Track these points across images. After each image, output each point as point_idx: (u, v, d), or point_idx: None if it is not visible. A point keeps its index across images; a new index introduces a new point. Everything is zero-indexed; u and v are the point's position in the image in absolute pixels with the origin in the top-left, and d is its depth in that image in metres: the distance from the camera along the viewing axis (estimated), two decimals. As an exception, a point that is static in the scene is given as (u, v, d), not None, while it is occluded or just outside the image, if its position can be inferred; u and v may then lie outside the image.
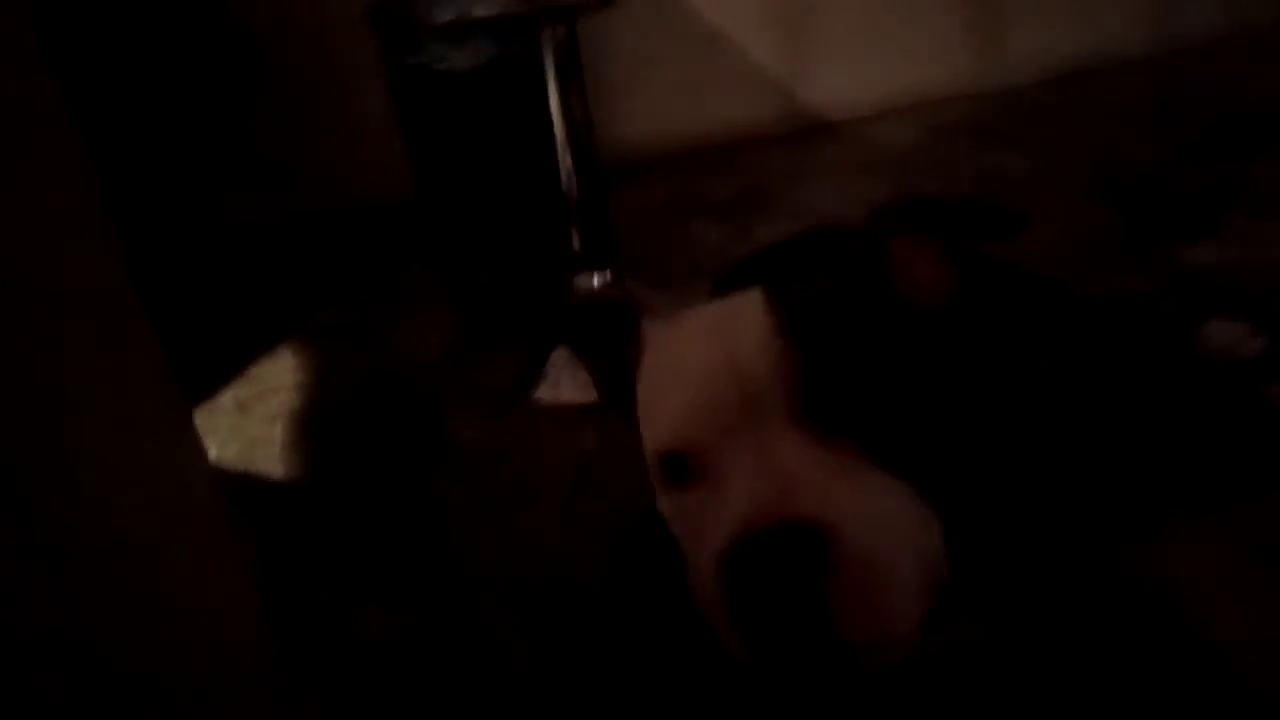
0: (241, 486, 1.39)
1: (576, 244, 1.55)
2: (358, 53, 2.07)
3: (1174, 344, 1.16)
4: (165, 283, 1.39)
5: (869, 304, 0.69)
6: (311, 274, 2.05)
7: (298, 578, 1.18)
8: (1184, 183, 1.69)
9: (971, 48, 2.33)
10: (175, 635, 0.63)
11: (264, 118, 2.13)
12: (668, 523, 0.73)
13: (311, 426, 1.53)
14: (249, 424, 1.54)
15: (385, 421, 1.51)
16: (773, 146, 2.31)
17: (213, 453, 1.44)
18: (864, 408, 0.63)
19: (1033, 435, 0.99)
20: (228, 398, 1.62)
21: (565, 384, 1.47)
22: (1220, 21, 2.28)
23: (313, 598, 1.15)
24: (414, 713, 0.98)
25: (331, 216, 2.18)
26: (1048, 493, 0.95)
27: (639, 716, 0.91)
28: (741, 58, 2.32)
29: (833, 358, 0.64)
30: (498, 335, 1.67)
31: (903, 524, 0.62)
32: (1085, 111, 2.13)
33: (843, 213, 1.71)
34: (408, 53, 1.91)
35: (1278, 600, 0.88)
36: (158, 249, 1.75)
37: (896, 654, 0.62)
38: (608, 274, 1.56)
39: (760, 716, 0.77)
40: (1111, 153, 1.90)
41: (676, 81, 2.31)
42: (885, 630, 0.59)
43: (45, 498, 0.50)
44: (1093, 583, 0.86)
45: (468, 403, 1.50)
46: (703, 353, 0.68)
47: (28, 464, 0.49)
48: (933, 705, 0.80)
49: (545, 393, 1.47)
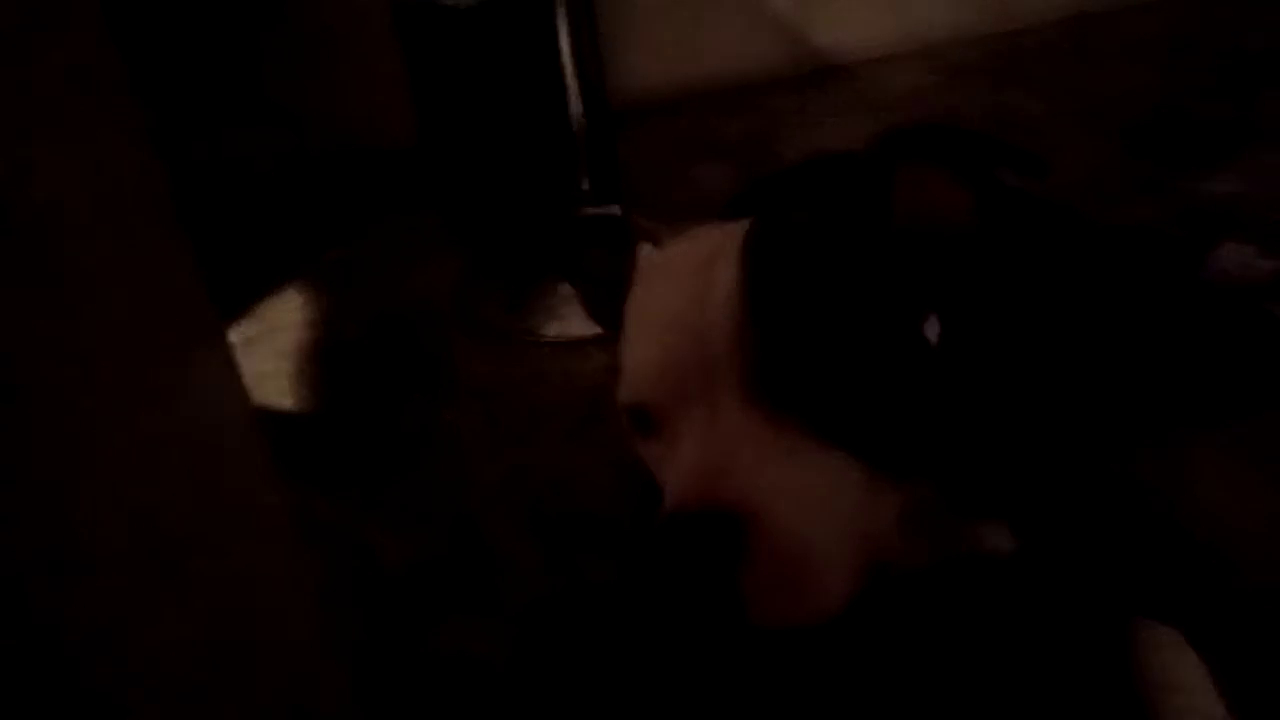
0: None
1: (585, 183, 1.54)
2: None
3: (1184, 267, 1.16)
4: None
5: (859, 245, 0.67)
6: (316, 215, 2.04)
7: (306, 501, 1.19)
8: (1197, 118, 1.67)
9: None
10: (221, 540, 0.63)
11: (270, 55, 2.11)
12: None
13: (319, 362, 1.53)
14: (255, 360, 1.54)
15: (392, 356, 1.51)
16: (781, 88, 2.29)
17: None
18: (819, 388, 0.62)
19: (1046, 355, 1.00)
20: (234, 335, 1.62)
21: (573, 319, 1.47)
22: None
23: (322, 520, 1.15)
24: (427, 628, 0.99)
25: (335, 159, 2.17)
26: (1057, 410, 0.95)
27: (648, 635, 0.92)
28: (750, 2, 2.29)
29: (794, 331, 0.62)
30: (505, 273, 1.67)
31: (839, 509, 0.62)
32: (1097, 53, 2.10)
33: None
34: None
35: (1269, 493, 0.89)
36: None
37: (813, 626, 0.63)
38: (618, 209, 1.55)
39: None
40: (1124, 92, 1.88)
41: (685, 23, 2.28)
42: (796, 617, 0.60)
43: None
44: (1099, 489, 0.87)
45: (475, 338, 1.50)
46: (676, 300, 0.66)
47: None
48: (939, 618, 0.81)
49: (553, 328, 1.47)
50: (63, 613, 0.50)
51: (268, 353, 1.56)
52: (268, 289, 1.77)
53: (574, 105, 1.54)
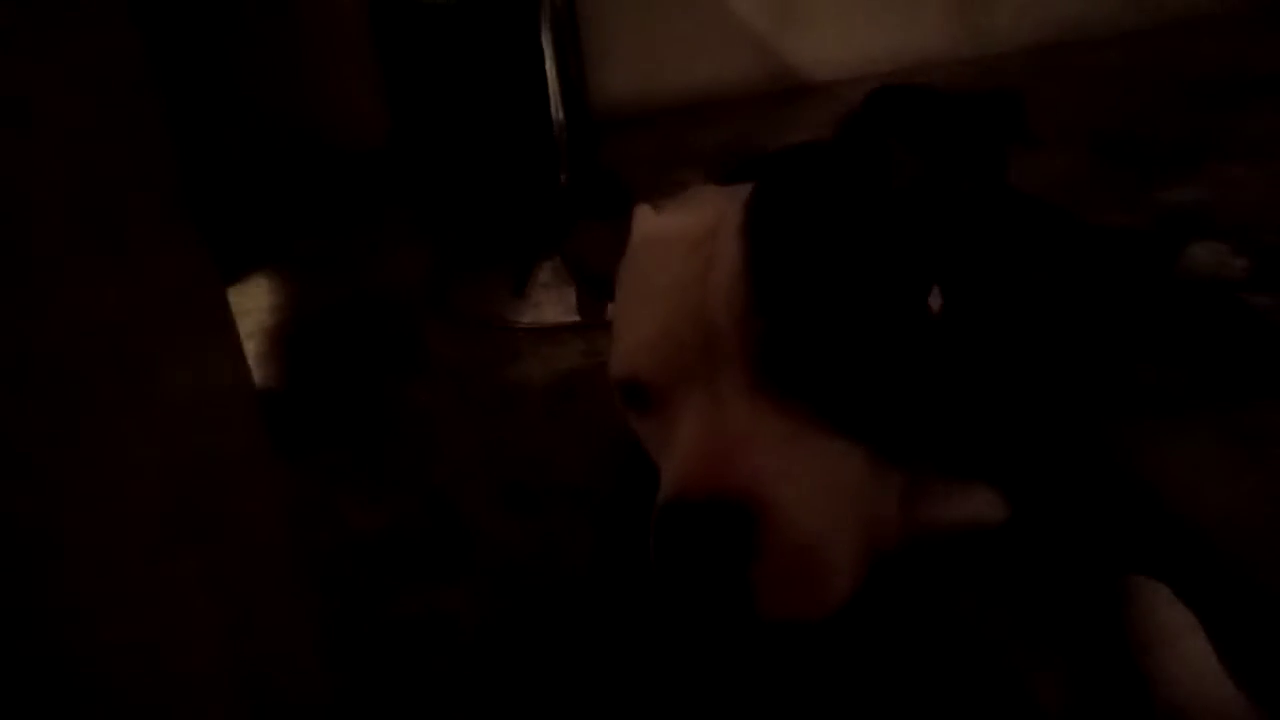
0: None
1: (564, 182, 1.53)
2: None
3: (1159, 262, 1.17)
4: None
5: (863, 215, 0.65)
6: (285, 209, 2.02)
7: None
8: (1160, 137, 1.71)
9: (958, 15, 2.36)
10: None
11: (244, 50, 2.09)
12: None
13: (286, 343, 1.50)
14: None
15: (363, 340, 1.48)
16: (757, 104, 2.31)
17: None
18: (827, 373, 0.60)
19: (1034, 332, 1.00)
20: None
21: (550, 306, 1.46)
22: (1200, 1, 2.32)
23: (290, 490, 1.12)
24: (396, 592, 0.95)
25: (308, 156, 2.15)
26: (1046, 385, 0.95)
27: (621, 604, 0.90)
28: (731, 16, 2.32)
29: (800, 314, 0.60)
30: (480, 260, 1.65)
31: (846, 499, 0.60)
32: (1068, 76, 2.15)
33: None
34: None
35: (1258, 486, 0.89)
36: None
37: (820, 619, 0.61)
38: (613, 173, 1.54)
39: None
40: (1094, 111, 1.92)
41: (665, 37, 2.31)
42: (806, 611, 0.58)
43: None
44: (1089, 459, 0.86)
45: (448, 324, 1.48)
46: (676, 273, 0.63)
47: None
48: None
49: (529, 314, 1.45)
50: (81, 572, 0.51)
51: (233, 335, 1.52)
52: (234, 277, 1.74)
53: (554, 104, 1.54)
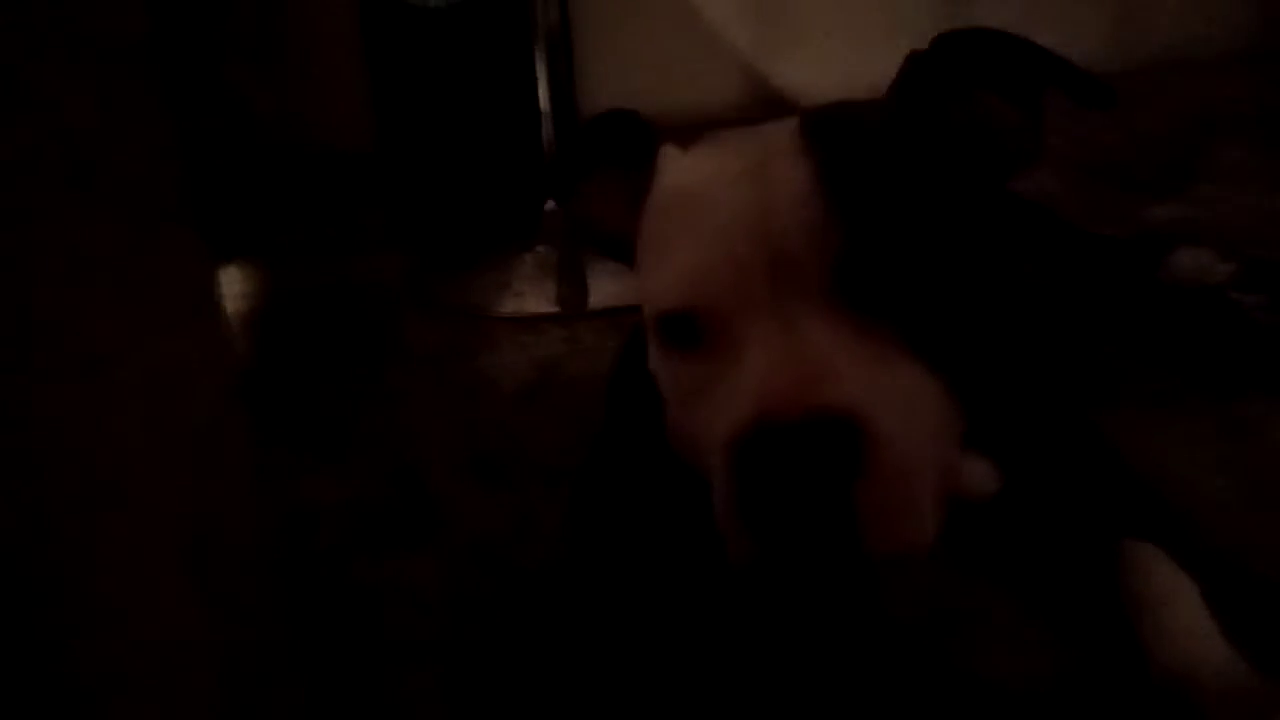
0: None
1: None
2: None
3: (1144, 266, 1.17)
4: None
5: (926, 134, 0.62)
6: (268, 203, 1.99)
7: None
8: (1147, 162, 1.73)
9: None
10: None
11: (232, 48, 2.08)
12: (657, 382, 0.67)
13: (257, 328, 1.46)
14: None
15: (338, 326, 1.45)
16: (742, 124, 2.32)
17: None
18: (909, 286, 0.55)
19: (1020, 331, 0.99)
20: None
21: (530, 297, 1.43)
22: (1180, 42, 2.38)
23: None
24: (363, 563, 0.91)
25: (294, 155, 2.13)
26: (1036, 371, 0.94)
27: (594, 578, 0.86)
28: (715, 39, 2.34)
29: (881, 226, 0.55)
30: (460, 258, 1.63)
31: (936, 427, 0.56)
32: (1051, 110, 2.18)
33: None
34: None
35: (1247, 476, 0.88)
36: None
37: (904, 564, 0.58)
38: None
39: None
40: (1077, 141, 1.94)
41: (647, 59, 2.32)
42: (910, 543, 0.53)
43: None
44: (1079, 448, 0.84)
45: (427, 314, 1.45)
46: (728, 195, 0.58)
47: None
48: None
49: (509, 304, 1.43)
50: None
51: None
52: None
53: (545, 114, 1.52)
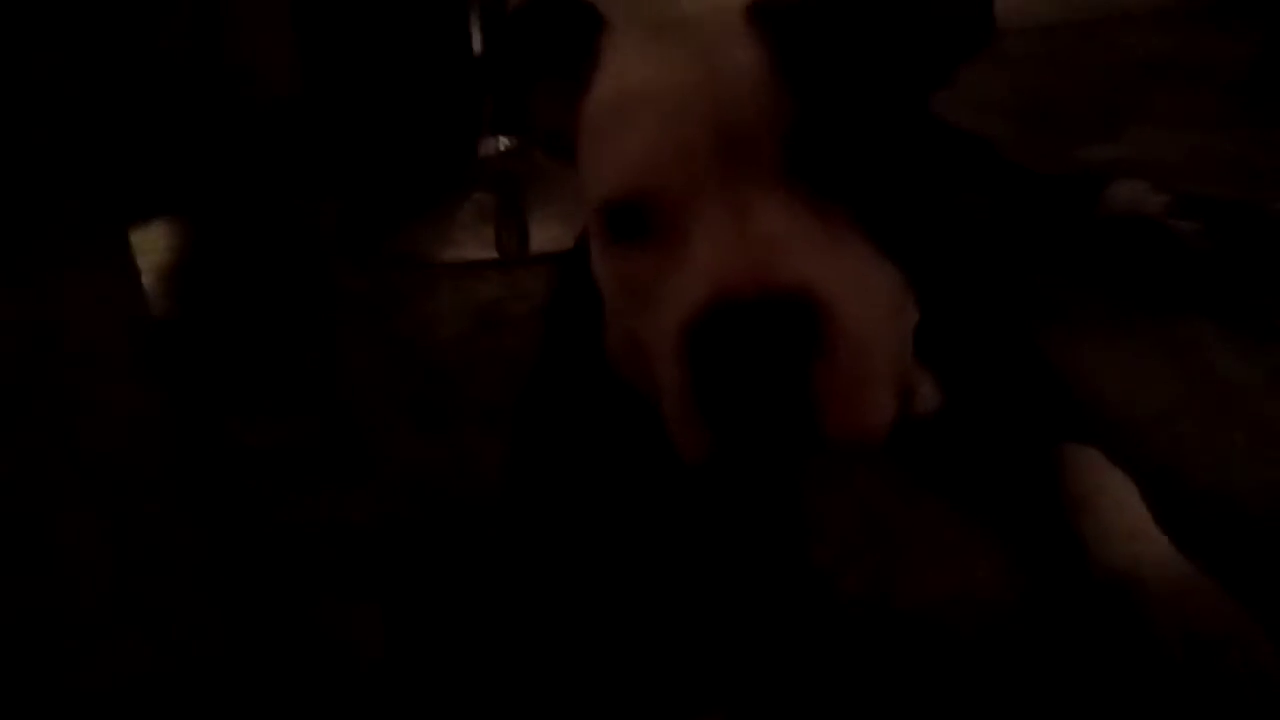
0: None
1: (486, 108, 1.48)
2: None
3: (1081, 198, 1.18)
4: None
5: (876, 12, 0.59)
6: (194, 154, 1.92)
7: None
8: (1084, 108, 1.75)
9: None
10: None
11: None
12: (598, 285, 0.65)
13: (184, 279, 1.41)
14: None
15: (270, 276, 1.40)
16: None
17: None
18: (864, 165, 0.54)
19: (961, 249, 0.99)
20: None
21: (470, 243, 1.40)
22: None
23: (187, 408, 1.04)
24: (296, 500, 0.88)
25: (220, 103, 2.05)
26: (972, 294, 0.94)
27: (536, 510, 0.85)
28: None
29: (835, 106, 0.53)
30: (396, 206, 1.59)
31: (891, 311, 0.55)
32: (993, 61, 2.19)
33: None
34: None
35: (1184, 392, 0.89)
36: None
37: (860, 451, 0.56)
38: (515, 139, 1.49)
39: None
40: (1017, 89, 1.95)
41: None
42: (868, 429, 0.52)
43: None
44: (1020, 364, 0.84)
45: (363, 262, 1.41)
46: (674, 78, 0.55)
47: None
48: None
49: (449, 252, 1.39)
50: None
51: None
52: (139, 219, 1.64)
53: (478, 48, 1.49)
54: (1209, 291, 1.02)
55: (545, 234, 1.38)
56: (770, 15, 0.58)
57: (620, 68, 0.62)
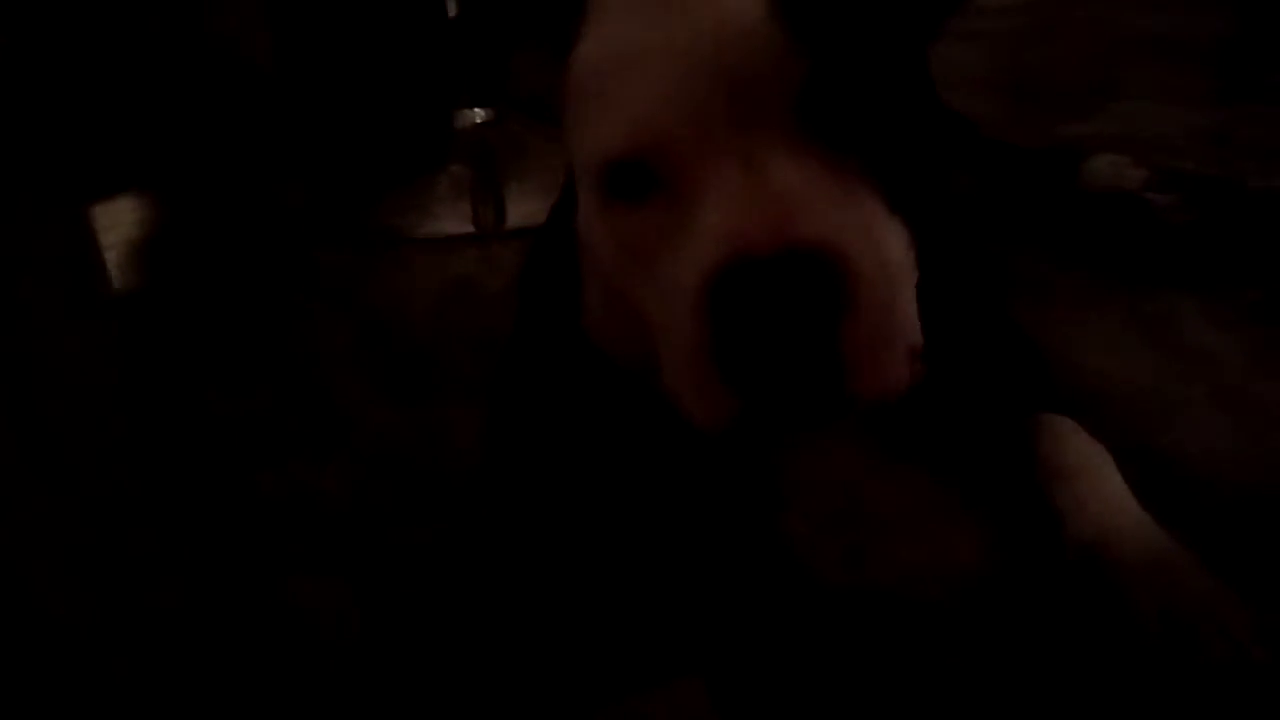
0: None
1: (462, 76, 1.46)
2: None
3: (1061, 172, 1.18)
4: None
5: None
6: (163, 127, 1.88)
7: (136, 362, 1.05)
8: (1064, 82, 1.74)
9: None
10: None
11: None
12: (590, 248, 0.62)
13: (154, 253, 1.39)
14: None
15: (241, 250, 1.38)
16: None
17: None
18: (875, 122, 0.52)
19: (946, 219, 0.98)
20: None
21: (447, 218, 1.38)
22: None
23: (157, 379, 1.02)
24: (259, 473, 0.87)
25: (190, 75, 2.01)
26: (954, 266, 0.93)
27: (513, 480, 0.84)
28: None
29: (844, 51, 0.52)
30: (370, 180, 1.56)
31: (905, 267, 0.53)
32: (973, 38, 2.18)
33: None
34: None
35: (1159, 363, 0.89)
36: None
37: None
38: (492, 112, 1.47)
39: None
40: (998, 66, 1.94)
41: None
42: (892, 386, 0.50)
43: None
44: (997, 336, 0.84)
45: (336, 236, 1.39)
46: (674, 30, 0.52)
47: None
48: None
49: (425, 226, 1.37)
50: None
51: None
52: (105, 193, 1.60)
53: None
54: (1187, 265, 1.02)
55: (522, 208, 1.36)
56: None
57: (614, 21, 0.58)
